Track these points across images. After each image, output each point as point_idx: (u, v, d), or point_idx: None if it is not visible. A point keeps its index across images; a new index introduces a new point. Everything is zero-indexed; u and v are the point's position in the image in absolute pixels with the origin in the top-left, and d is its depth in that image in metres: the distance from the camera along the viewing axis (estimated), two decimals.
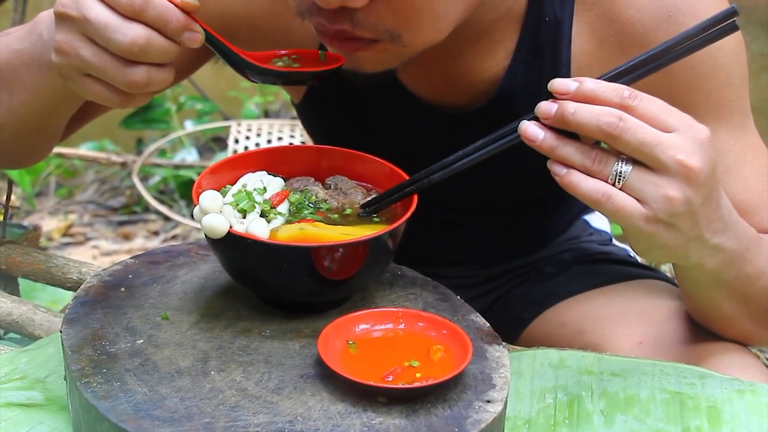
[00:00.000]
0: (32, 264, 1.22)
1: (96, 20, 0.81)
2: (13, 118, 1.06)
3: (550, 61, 1.07)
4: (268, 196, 0.93)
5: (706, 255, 0.90)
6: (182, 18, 0.83)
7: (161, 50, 0.83)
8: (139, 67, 0.83)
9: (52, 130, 1.13)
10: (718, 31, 0.85)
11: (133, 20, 0.81)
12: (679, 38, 0.85)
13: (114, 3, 0.82)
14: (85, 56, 0.83)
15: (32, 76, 1.00)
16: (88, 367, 0.82)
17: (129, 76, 0.83)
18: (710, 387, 0.93)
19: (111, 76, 0.83)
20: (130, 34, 0.81)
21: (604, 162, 0.83)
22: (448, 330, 0.86)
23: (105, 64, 0.83)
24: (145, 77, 0.83)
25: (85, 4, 0.82)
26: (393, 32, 0.90)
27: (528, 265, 1.39)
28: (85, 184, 3.60)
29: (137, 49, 0.81)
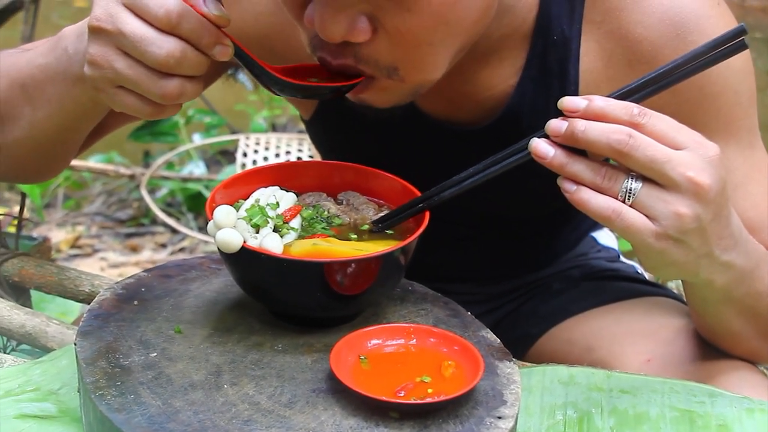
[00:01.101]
0: (45, 276, 1.23)
1: (132, 33, 0.84)
2: (35, 131, 1.07)
3: (558, 79, 1.07)
4: (280, 211, 0.93)
5: (715, 272, 0.91)
6: (214, 32, 0.85)
7: (194, 63, 0.85)
8: (173, 79, 0.85)
9: (72, 144, 1.14)
10: (727, 49, 0.85)
11: (169, 33, 0.84)
12: (689, 56, 0.86)
13: (149, 16, 0.84)
14: (120, 68, 0.85)
15: (57, 90, 1.01)
16: (102, 380, 0.82)
17: (163, 88, 0.85)
18: (720, 405, 0.93)
19: (145, 88, 0.86)
20: (166, 47, 0.83)
21: (614, 179, 0.84)
22: (459, 346, 0.87)
23: (139, 77, 0.85)
24: (179, 89, 0.86)
25: (120, 18, 0.84)
26: (390, 66, 0.92)
27: (536, 282, 1.39)
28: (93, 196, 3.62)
29: (173, 62, 0.84)
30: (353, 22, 0.87)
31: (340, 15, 0.87)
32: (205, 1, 0.85)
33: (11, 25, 2.44)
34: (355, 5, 0.87)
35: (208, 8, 0.85)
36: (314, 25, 0.89)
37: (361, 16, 0.88)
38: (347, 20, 0.87)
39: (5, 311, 1.13)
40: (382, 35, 0.89)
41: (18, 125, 1.09)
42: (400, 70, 0.92)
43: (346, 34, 0.88)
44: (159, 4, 0.83)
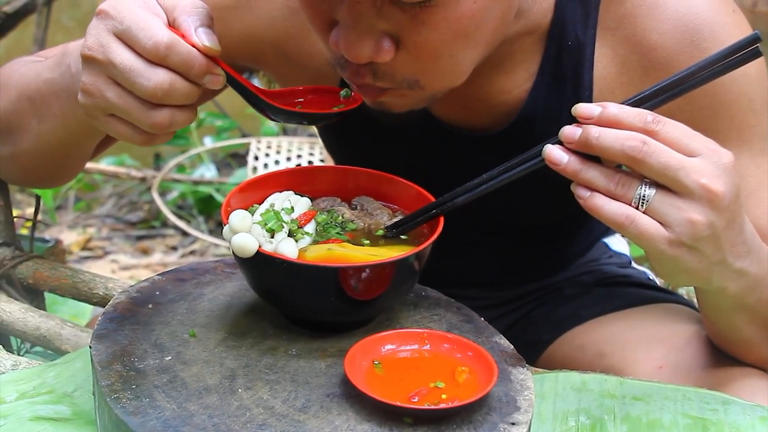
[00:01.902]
0: (59, 279, 1.24)
1: (121, 64, 0.84)
2: (42, 144, 1.08)
3: (572, 85, 1.08)
4: (295, 216, 0.94)
5: (728, 279, 0.90)
6: (204, 62, 0.85)
7: (184, 93, 0.85)
8: (163, 110, 0.85)
9: (79, 156, 1.15)
10: (741, 57, 0.85)
11: (157, 65, 0.84)
12: (703, 64, 0.86)
13: (139, 47, 0.84)
14: (110, 98, 0.85)
15: (61, 106, 1.02)
16: (117, 383, 0.83)
17: (152, 119, 0.85)
18: (733, 413, 0.93)
19: (135, 117, 0.86)
20: (154, 78, 0.83)
21: (628, 185, 0.84)
22: (473, 352, 0.87)
23: (129, 107, 0.85)
24: (168, 119, 0.86)
25: (110, 48, 0.84)
26: (410, 79, 0.92)
27: (548, 287, 1.39)
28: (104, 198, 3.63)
29: (161, 93, 0.83)
30: (378, 44, 0.88)
31: (365, 37, 0.87)
32: (196, 31, 0.85)
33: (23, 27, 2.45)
34: (379, 26, 0.87)
35: (199, 38, 0.85)
36: (340, 48, 0.90)
37: (384, 37, 0.88)
38: (372, 42, 0.88)
39: (20, 314, 1.13)
40: (402, 52, 0.89)
41: (26, 137, 1.10)
42: (420, 81, 0.93)
43: (372, 55, 0.88)
44: (148, 36, 0.83)
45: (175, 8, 0.86)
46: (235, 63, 1.19)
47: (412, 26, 0.87)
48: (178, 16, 0.86)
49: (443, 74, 0.93)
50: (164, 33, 0.83)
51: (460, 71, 0.94)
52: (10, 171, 1.21)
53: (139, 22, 0.84)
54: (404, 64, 0.91)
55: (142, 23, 0.84)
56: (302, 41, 1.13)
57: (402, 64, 0.91)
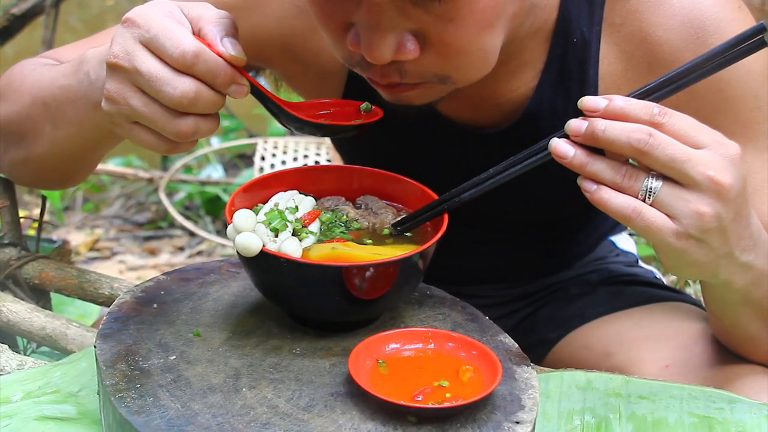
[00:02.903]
0: (65, 279, 1.24)
1: (147, 73, 0.84)
2: (55, 149, 1.09)
3: (578, 82, 1.07)
4: (300, 215, 0.94)
5: (735, 272, 0.90)
6: (230, 71, 0.85)
7: (209, 102, 0.86)
8: (188, 118, 0.86)
9: (92, 160, 1.16)
10: (746, 47, 0.85)
11: (184, 73, 0.84)
12: (708, 55, 0.86)
13: (165, 56, 0.84)
14: (135, 106, 0.86)
15: (77, 113, 1.02)
16: (122, 382, 0.83)
17: (177, 127, 0.86)
18: (739, 412, 0.92)
19: (160, 126, 0.86)
20: (181, 87, 0.84)
21: (635, 178, 0.83)
22: (477, 351, 0.87)
23: (154, 115, 0.86)
24: (193, 127, 0.86)
25: (136, 57, 0.85)
26: (442, 75, 0.92)
27: (553, 286, 1.39)
28: (112, 199, 3.64)
29: (186, 102, 0.84)
30: (401, 43, 0.88)
31: (387, 37, 0.87)
32: (222, 41, 0.85)
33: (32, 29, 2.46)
34: (400, 26, 0.87)
35: (225, 48, 0.85)
36: (359, 48, 0.89)
37: (407, 35, 0.88)
38: (394, 41, 0.88)
39: (26, 313, 1.14)
40: (429, 50, 0.89)
41: (39, 142, 1.10)
42: (453, 76, 0.93)
43: (395, 55, 0.88)
44: (175, 45, 0.84)
45: (201, 18, 0.87)
46: None
47: (438, 25, 0.87)
48: (204, 26, 0.86)
49: (475, 67, 0.93)
50: (191, 42, 0.84)
51: (490, 61, 0.94)
52: (22, 173, 1.22)
53: (165, 31, 0.84)
54: (434, 62, 0.91)
55: (168, 32, 0.84)
56: (309, 40, 1.13)
57: (431, 62, 0.91)
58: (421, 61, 0.90)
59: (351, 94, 1.15)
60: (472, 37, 0.89)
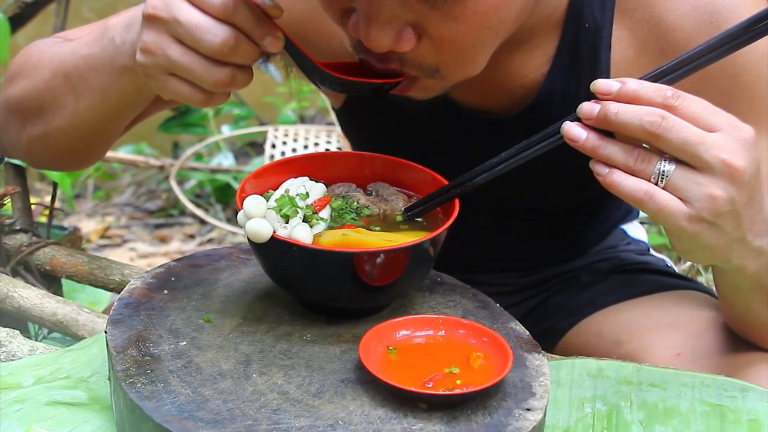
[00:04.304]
0: (76, 265, 1.25)
1: (187, 21, 0.85)
2: (78, 121, 1.09)
3: (589, 67, 1.07)
4: (310, 202, 0.94)
5: (747, 257, 0.90)
6: (268, 23, 0.87)
7: (247, 52, 0.87)
8: (225, 67, 0.87)
9: (112, 133, 1.16)
10: (759, 30, 0.84)
11: (224, 22, 0.85)
12: (720, 37, 0.85)
13: (206, 5, 0.85)
14: (173, 56, 0.87)
15: (101, 81, 1.02)
16: (132, 368, 0.83)
17: (215, 76, 0.87)
18: (751, 400, 0.92)
19: (198, 75, 0.87)
20: (221, 35, 0.85)
21: (647, 161, 0.83)
22: (488, 338, 0.87)
23: (193, 64, 0.87)
24: (230, 77, 0.87)
25: (175, 6, 0.86)
26: (431, 66, 0.92)
27: (565, 274, 1.38)
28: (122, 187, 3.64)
29: (227, 50, 0.85)
30: (399, 33, 0.88)
31: (386, 27, 0.87)
32: None
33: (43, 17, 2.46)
34: (400, 17, 0.87)
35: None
36: (359, 34, 0.89)
37: (406, 27, 0.88)
38: (393, 32, 0.88)
39: (37, 299, 1.14)
40: (426, 42, 0.89)
41: (60, 114, 1.10)
42: (442, 70, 0.93)
43: (392, 45, 0.88)
44: None
45: None
46: None
47: (440, 20, 0.87)
48: None
49: (464, 65, 0.93)
50: None
51: (480, 62, 0.95)
52: (40, 152, 1.21)
53: None
54: (426, 54, 0.91)
55: None
56: (320, 24, 1.13)
57: (424, 54, 0.91)
58: (417, 51, 0.90)
59: None
60: (469, 36, 0.89)
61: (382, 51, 0.89)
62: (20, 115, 1.16)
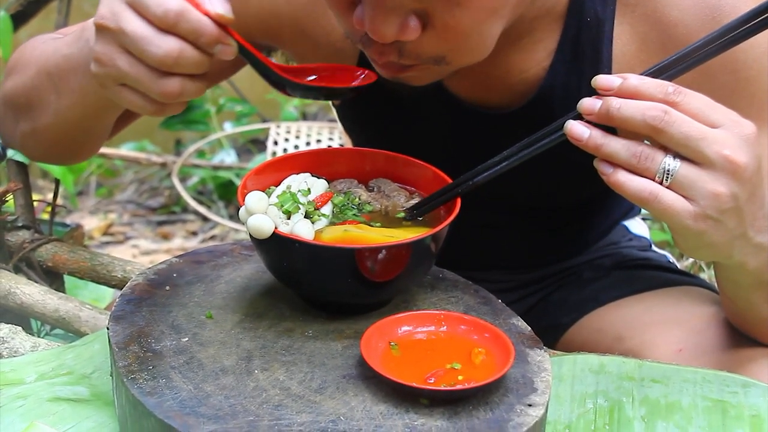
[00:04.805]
0: (78, 261, 1.25)
1: (132, 32, 0.83)
2: (60, 119, 1.09)
3: (591, 62, 1.07)
4: (312, 198, 0.94)
5: (749, 254, 0.90)
6: (215, 31, 0.84)
7: (194, 62, 0.84)
8: (173, 78, 0.85)
9: (98, 131, 1.15)
10: (758, 24, 0.84)
11: (168, 33, 0.83)
12: (721, 31, 0.85)
13: (149, 15, 0.83)
14: (122, 67, 0.85)
15: (79, 81, 1.02)
16: (134, 364, 0.83)
17: (162, 87, 0.85)
18: (753, 396, 0.92)
19: (146, 86, 0.85)
20: (164, 46, 0.83)
21: (651, 159, 0.83)
22: (490, 333, 0.87)
23: (140, 75, 0.85)
24: (178, 88, 0.85)
25: (122, 17, 0.84)
26: (437, 56, 0.92)
27: (567, 270, 1.38)
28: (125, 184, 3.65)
29: (170, 61, 0.83)
30: (404, 22, 0.88)
31: (391, 16, 0.87)
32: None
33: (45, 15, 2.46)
34: (405, 5, 0.87)
35: (212, 6, 0.83)
36: (364, 26, 0.89)
37: (411, 16, 0.88)
38: (398, 21, 0.87)
39: (39, 296, 1.14)
40: (430, 31, 0.89)
41: (45, 112, 1.10)
42: (447, 57, 0.92)
43: (398, 34, 0.88)
44: (158, 3, 0.82)
45: None
46: (253, 41, 1.19)
47: (444, 7, 0.87)
48: None
49: (471, 51, 0.93)
50: (174, 1, 0.83)
51: (486, 46, 0.94)
52: (32, 146, 1.21)
53: None
54: (431, 43, 0.90)
55: None
56: (320, 18, 1.13)
57: (429, 43, 0.90)
58: (420, 42, 0.90)
59: None
60: (475, 22, 0.88)
61: (386, 41, 0.89)
62: (13, 110, 1.17)
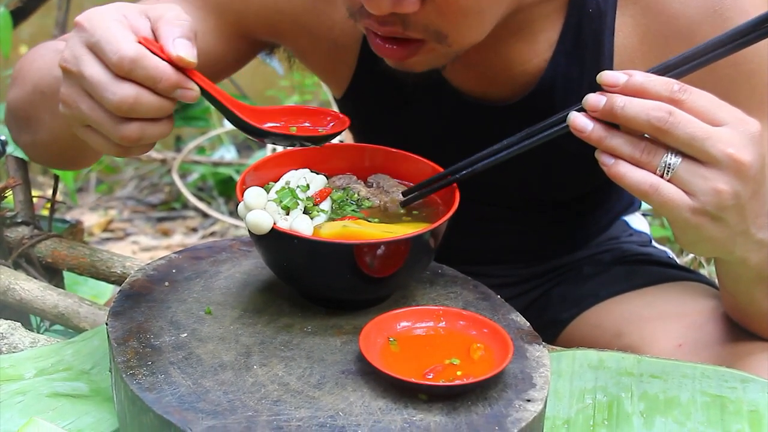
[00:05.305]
0: (77, 258, 1.25)
1: (90, 77, 0.82)
2: (55, 137, 1.09)
3: (592, 54, 1.07)
4: (311, 194, 0.94)
5: (750, 250, 0.90)
6: (173, 76, 0.82)
7: (152, 107, 0.83)
8: (132, 123, 0.83)
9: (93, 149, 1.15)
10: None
11: (124, 78, 0.82)
12: (730, 33, 0.85)
13: (106, 60, 0.82)
14: (84, 110, 0.85)
15: None
16: (133, 360, 0.83)
17: (121, 132, 0.84)
18: (752, 391, 0.92)
19: (105, 130, 0.85)
20: (119, 92, 0.81)
21: (653, 153, 0.83)
22: (488, 329, 0.87)
23: (100, 119, 0.84)
24: (137, 132, 0.84)
25: (82, 61, 0.83)
26: (440, 33, 0.91)
27: (567, 265, 1.38)
28: (125, 181, 3.64)
29: (126, 107, 0.82)
30: None
31: None
32: (174, 42, 0.82)
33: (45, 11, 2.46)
34: None
35: (174, 49, 0.82)
36: None
37: None
38: None
39: (39, 292, 1.14)
40: (429, 4, 0.89)
41: (41, 128, 1.11)
42: (449, 37, 0.92)
43: (394, 6, 0.88)
44: (114, 50, 0.81)
45: (159, 18, 0.85)
46: (255, 37, 1.19)
47: None
48: (161, 26, 0.84)
49: (470, 30, 0.93)
50: (130, 47, 0.81)
51: (485, 27, 0.94)
52: (34, 156, 1.23)
53: (108, 36, 0.82)
54: (431, 17, 0.90)
55: (110, 36, 0.82)
56: (320, 13, 1.13)
57: (429, 17, 0.90)
58: (421, 14, 0.89)
59: (364, 68, 1.15)
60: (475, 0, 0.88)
61: (382, 13, 0.88)
62: (15, 121, 1.18)
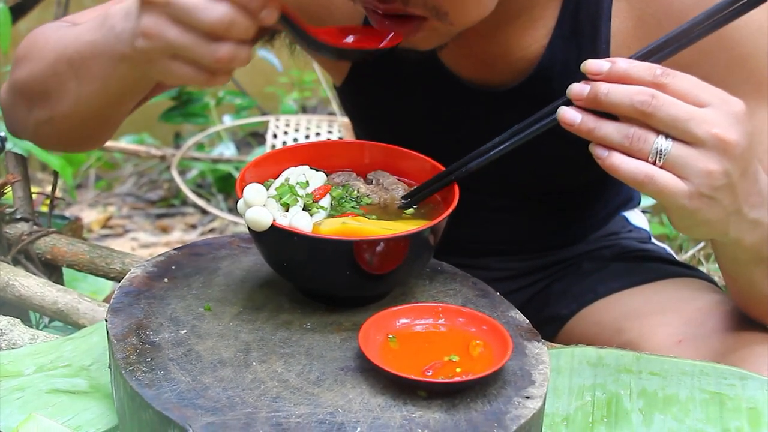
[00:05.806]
0: (76, 254, 1.25)
1: (183, 1, 0.85)
2: (81, 107, 1.09)
3: (590, 39, 1.07)
4: (310, 190, 0.94)
5: (744, 230, 0.90)
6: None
7: (244, 27, 0.86)
8: (225, 44, 0.86)
9: (116, 118, 1.16)
10: (747, 3, 0.84)
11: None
12: (708, 12, 0.85)
13: None
14: (172, 37, 0.86)
15: (102, 67, 1.02)
16: (132, 356, 0.83)
17: (216, 53, 0.86)
18: (751, 388, 0.92)
19: (199, 54, 0.87)
20: (217, 11, 0.84)
21: (644, 140, 0.83)
22: (488, 326, 0.87)
23: (192, 43, 0.86)
24: (231, 53, 0.86)
25: None
26: (440, 9, 0.91)
27: (566, 261, 1.38)
28: (124, 177, 3.64)
29: (224, 26, 0.85)
30: None
31: None
32: None
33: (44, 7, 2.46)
34: None
35: None
36: None
37: None
38: None
39: (38, 288, 1.14)
40: None
41: (64, 100, 1.10)
42: (449, 14, 0.92)
43: None
44: None
45: None
46: None
47: None
48: None
49: (470, 7, 0.93)
50: None
51: (486, 5, 0.94)
52: (47, 134, 1.21)
53: None
54: None
55: None
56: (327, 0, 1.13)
57: None
58: None
59: None
60: None
61: None
62: (27, 99, 1.16)
